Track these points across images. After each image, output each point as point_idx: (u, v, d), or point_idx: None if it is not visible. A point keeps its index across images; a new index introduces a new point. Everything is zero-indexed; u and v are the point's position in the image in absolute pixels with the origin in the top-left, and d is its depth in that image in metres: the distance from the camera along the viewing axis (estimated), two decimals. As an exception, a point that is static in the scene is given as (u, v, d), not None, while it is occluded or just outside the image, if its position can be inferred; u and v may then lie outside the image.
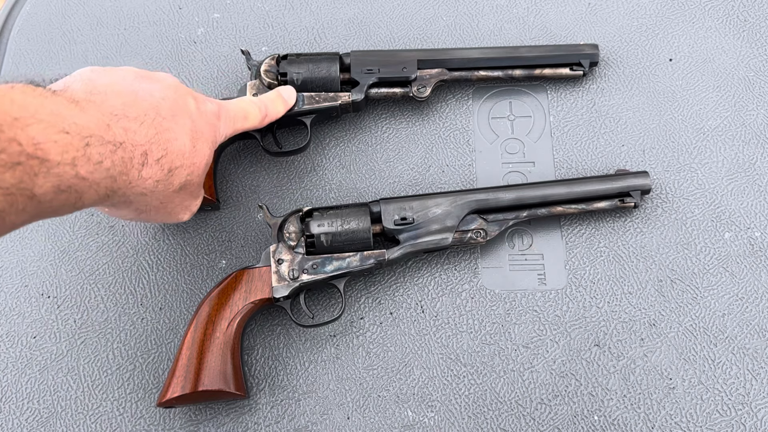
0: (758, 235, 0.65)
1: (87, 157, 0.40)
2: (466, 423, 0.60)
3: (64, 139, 0.39)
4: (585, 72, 0.69)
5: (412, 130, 0.71)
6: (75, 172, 0.39)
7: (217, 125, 0.56)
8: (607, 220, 0.66)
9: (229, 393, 0.57)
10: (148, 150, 0.46)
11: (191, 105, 0.52)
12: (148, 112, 0.47)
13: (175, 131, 0.49)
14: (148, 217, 0.53)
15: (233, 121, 0.59)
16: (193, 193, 0.55)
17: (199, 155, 0.52)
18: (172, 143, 0.48)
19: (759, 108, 0.69)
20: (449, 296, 0.64)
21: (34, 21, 0.78)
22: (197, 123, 0.51)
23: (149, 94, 0.48)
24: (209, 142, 0.53)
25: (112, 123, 0.43)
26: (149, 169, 0.46)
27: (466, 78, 0.70)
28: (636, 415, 0.59)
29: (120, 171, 0.43)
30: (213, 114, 0.55)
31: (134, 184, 0.46)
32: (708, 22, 0.74)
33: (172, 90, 0.50)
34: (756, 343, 0.61)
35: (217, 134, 0.56)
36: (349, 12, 0.77)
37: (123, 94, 0.46)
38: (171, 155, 0.48)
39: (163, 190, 0.49)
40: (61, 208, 0.41)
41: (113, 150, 0.42)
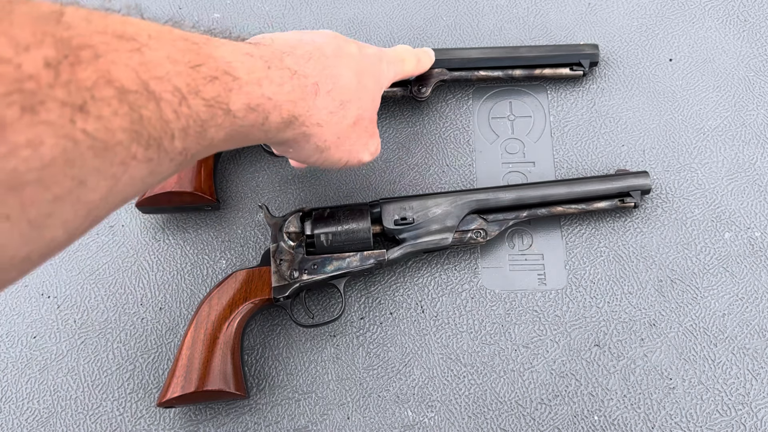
0: (758, 235, 0.65)
1: (270, 78, 0.43)
2: (466, 423, 0.60)
3: (249, 61, 0.41)
4: (585, 72, 0.69)
5: (412, 130, 0.71)
6: (261, 92, 0.42)
7: (380, 66, 0.58)
8: (607, 220, 0.66)
9: (229, 393, 0.57)
10: (318, 81, 0.48)
11: (353, 48, 0.54)
12: (312, 52, 0.49)
13: (340, 68, 0.51)
14: (330, 156, 0.54)
15: (394, 63, 0.61)
16: (368, 129, 0.56)
17: (366, 91, 0.54)
18: (339, 78, 0.51)
19: (759, 108, 0.69)
20: (449, 296, 0.64)
21: (34, 21, 0.78)
22: (361, 63, 0.54)
23: (312, 40, 0.51)
24: (374, 80, 0.56)
25: (284, 57, 0.46)
26: (322, 99, 0.49)
27: (466, 78, 0.70)
28: (636, 415, 0.59)
29: (299, 96, 0.46)
30: (375, 56, 0.58)
31: (311, 112, 0.48)
32: (708, 22, 0.74)
33: (332, 37, 0.54)
34: (756, 343, 0.61)
35: (382, 75, 0.58)
36: (349, 12, 0.77)
37: (288, 39, 0.50)
38: (339, 88, 0.51)
39: (338, 123, 0.51)
40: (251, 129, 0.43)
41: (290, 75, 0.45)
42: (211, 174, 0.65)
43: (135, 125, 0.31)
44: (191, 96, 0.35)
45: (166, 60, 0.34)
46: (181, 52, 0.36)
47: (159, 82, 0.33)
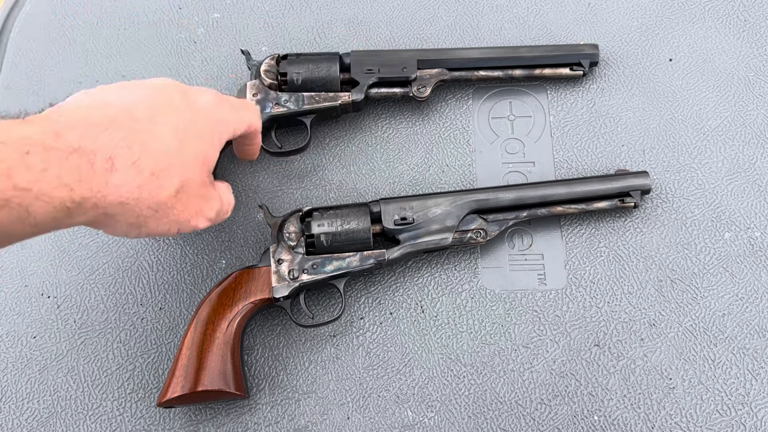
0: (758, 235, 0.65)
1: (26, 165, 0.37)
2: (466, 423, 0.60)
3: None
4: (585, 72, 0.69)
5: (412, 130, 0.71)
6: (12, 183, 0.37)
7: (217, 115, 0.52)
8: (607, 220, 0.66)
9: (229, 393, 0.57)
10: (114, 154, 0.42)
11: (176, 100, 0.49)
12: (116, 117, 0.44)
13: (154, 132, 0.46)
14: (152, 229, 0.48)
15: (239, 109, 0.55)
16: (200, 193, 0.51)
17: (191, 152, 0.48)
18: (150, 144, 0.45)
19: (759, 108, 0.69)
20: (449, 296, 0.64)
21: (34, 21, 0.78)
22: (185, 118, 0.48)
23: (121, 100, 0.46)
24: (207, 135, 0.50)
25: (65, 131, 0.41)
26: (121, 174, 0.43)
27: (466, 78, 0.70)
28: (636, 415, 0.59)
29: (77, 178, 0.40)
30: (210, 105, 0.52)
31: (103, 192, 0.42)
32: (708, 22, 0.74)
33: (152, 90, 0.48)
34: (756, 343, 0.61)
35: (220, 124, 0.52)
36: (349, 12, 0.77)
37: (90, 107, 0.45)
38: (150, 156, 0.45)
39: (152, 195, 0.45)
40: (11, 227, 0.38)
41: (65, 156, 0.39)
42: None
43: None
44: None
45: None
46: None
47: None
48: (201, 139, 0.49)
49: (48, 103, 0.47)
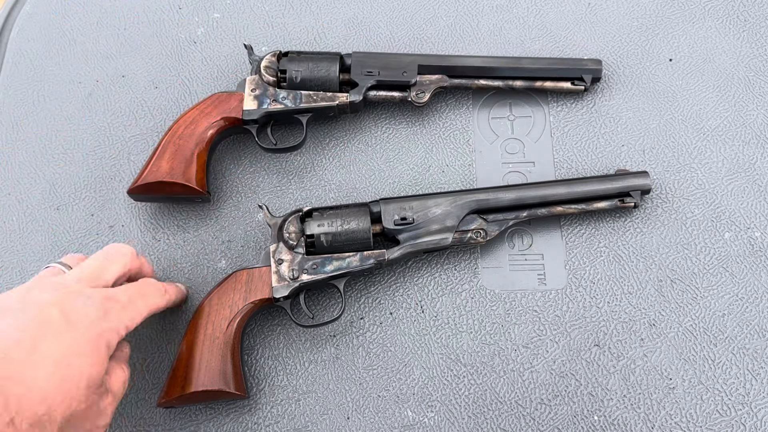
0: (758, 235, 0.65)
1: None
2: (466, 423, 0.60)
3: None
4: (586, 87, 0.69)
5: (412, 131, 0.71)
6: None
7: (104, 327, 0.48)
8: (607, 220, 0.66)
9: (229, 393, 0.57)
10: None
11: (58, 325, 0.45)
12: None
13: (30, 378, 0.42)
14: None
15: (126, 309, 0.51)
16: (87, 415, 0.47)
17: (72, 383, 0.44)
18: (26, 396, 0.42)
19: (759, 108, 0.69)
20: (449, 296, 0.64)
21: (34, 21, 0.78)
22: (66, 343, 0.45)
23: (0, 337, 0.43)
24: (91, 355, 0.46)
25: None
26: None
27: (465, 86, 0.70)
28: (636, 415, 0.59)
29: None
30: (94, 316, 0.48)
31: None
32: (708, 22, 0.74)
33: (32, 319, 0.45)
34: (756, 343, 0.61)
35: (108, 335, 0.48)
36: (349, 12, 0.77)
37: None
38: (27, 408, 0.41)
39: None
40: None
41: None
42: (203, 167, 0.65)
43: None
44: None
45: None
46: None
47: None
48: (84, 361, 0.46)
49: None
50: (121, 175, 0.70)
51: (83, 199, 0.69)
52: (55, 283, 0.50)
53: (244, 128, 0.68)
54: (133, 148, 0.71)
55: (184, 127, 0.65)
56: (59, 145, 0.72)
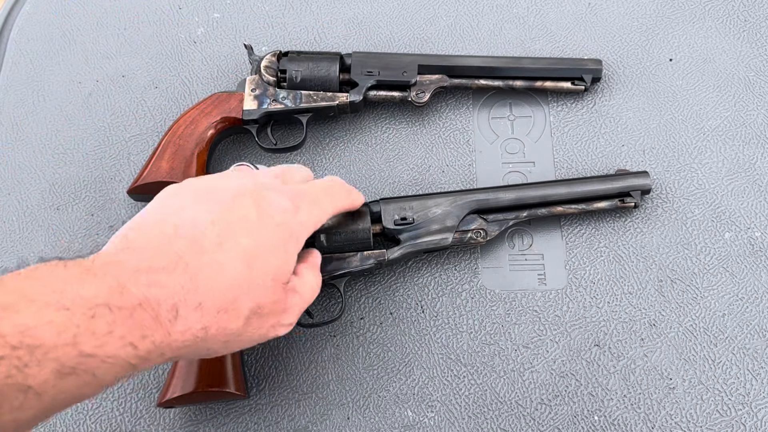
0: (758, 235, 0.65)
1: (91, 330, 0.35)
2: (466, 423, 0.60)
3: (62, 317, 0.34)
4: (587, 87, 0.69)
5: (412, 130, 0.71)
6: (78, 351, 0.34)
7: (293, 223, 0.48)
8: (608, 220, 0.66)
9: (229, 393, 0.57)
10: (179, 301, 0.40)
11: (250, 216, 0.45)
12: (183, 253, 0.41)
13: (221, 263, 0.42)
14: (225, 353, 0.46)
15: (319, 203, 0.51)
16: (271, 311, 0.46)
17: (261, 274, 0.45)
18: (216, 280, 0.42)
19: (759, 108, 0.69)
20: (449, 296, 0.64)
21: (34, 21, 0.78)
22: (256, 236, 0.45)
23: (192, 227, 0.43)
24: (278, 251, 0.46)
25: (131, 282, 0.38)
26: (185, 321, 0.40)
27: (466, 86, 0.70)
28: (636, 415, 0.59)
29: (140, 335, 0.38)
30: (284, 212, 0.48)
31: (166, 343, 0.40)
32: (708, 22, 0.74)
33: (226, 206, 0.45)
34: (756, 343, 0.61)
35: (296, 231, 0.48)
36: (349, 12, 0.77)
37: (159, 238, 0.42)
38: (216, 293, 0.42)
39: (220, 331, 0.42)
40: (78, 392, 0.36)
41: (128, 314, 0.37)
42: (203, 167, 0.65)
43: None
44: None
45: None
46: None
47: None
48: (273, 255, 0.46)
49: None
50: (121, 175, 0.70)
51: (83, 199, 0.69)
52: (251, 174, 0.50)
53: (244, 128, 0.68)
54: (133, 148, 0.71)
55: (184, 127, 0.65)
56: (59, 145, 0.72)
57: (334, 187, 0.55)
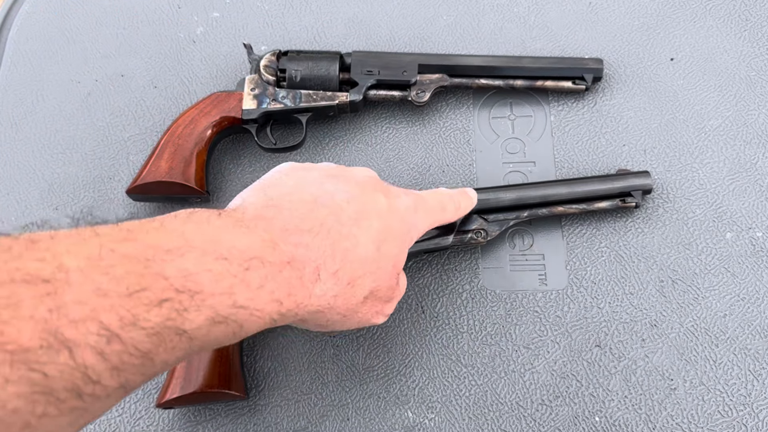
0: (760, 235, 0.64)
1: (246, 282, 0.36)
2: (466, 424, 0.60)
3: (221, 267, 0.35)
4: (587, 86, 0.69)
5: (412, 130, 0.71)
6: (232, 301, 0.35)
7: (412, 221, 0.51)
8: (608, 220, 0.66)
9: (228, 394, 0.57)
10: (321, 264, 0.42)
11: (381, 203, 0.47)
12: (325, 220, 0.43)
13: (357, 237, 0.44)
14: (335, 329, 0.49)
15: (431, 213, 0.54)
16: (384, 297, 0.49)
17: (386, 258, 0.47)
18: (351, 252, 0.44)
19: (761, 108, 0.69)
20: (450, 297, 0.64)
21: (33, 20, 0.77)
22: (386, 222, 0.47)
23: (331, 199, 0.44)
24: (399, 241, 0.48)
25: (281, 239, 0.40)
26: (323, 285, 0.42)
27: (466, 85, 0.69)
28: (637, 416, 0.59)
29: (287, 292, 0.39)
30: (407, 209, 0.50)
31: (305, 304, 0.41)
32: (709, 21, 0.73)
33: (359, 188, 0.47)
34: (757, 344, 0.61)
35: (413, 229, 0.51)
36: (349, 11, 0.76)
37: (301, 202, 0.43)
38: (350, 265, 0.44)
39: (344, 303, 0.44)
40: (224, 340, 0.37)
41: (279, 270, 0.39)
42: (203, 167, 0.65)
43: (37, 387, 0.26)
44: (127, 329, 0.30)
45: (92, 295, 0.29)
46: (117, 279, 0.30)
47: (76, 327, 0.28)
48: (395, 244, 0.48)
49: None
50: (120, 174, 0.70)
51: (82, 199, 0.69)
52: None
53: (243, 128, 0.67)
54: (132, 148, 0.71)
55: (183, 126, 0.65)
56: (58, 144, 0.71)
57: (447, 201, 0.57)
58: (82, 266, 0.29)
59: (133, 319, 0.30)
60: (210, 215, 0.38)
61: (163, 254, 0.33)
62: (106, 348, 0.29)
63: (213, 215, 0.39)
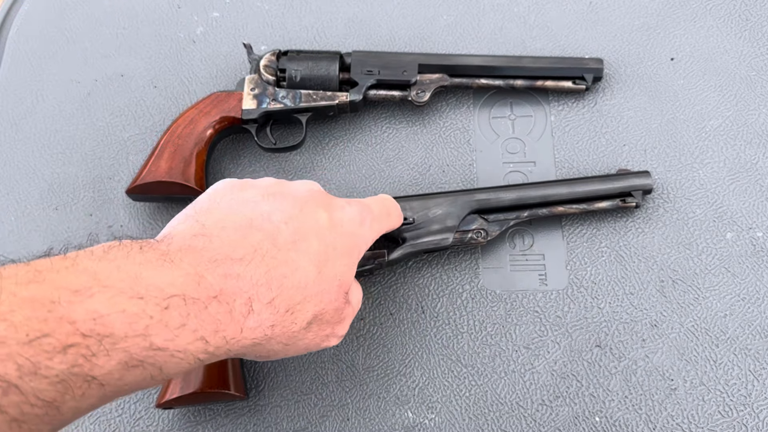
0: (760, 235, 0.64)
1: (164, 322, 0.34)
2: (466, 424, 0.60)
3: (136, 307, 0.33)
4: (588, 86, 0.69)
5: (412, 130, 0.71)
6: (148, 343, 0.33)
7: (359, 233, 0.48)
8: (609, 220, 0.66)
9: (228, 394, 0.57)
10: (253, 295, 0.39)
11: (322, 220, 0.45)
12: (259, 246, 0.40)
13: (295, 261, 0.42)
14: (279, 357, 0.46)
15: (378, 221, 0.52)
16: (331, 320, 0.46)
17: (329, 279, 0.44)
18: (289, 278, 0.41)
19: (761, 107, 0.69)
20: (450, 297, 0.64)
21: (33, 20, 0.77)
22: (327, 240, 0.44)
23: (267, 220, 0.42)
24: (344, 258, 0.46)
25: (208, 272, 0.37)
26: (257, 317, 0.39)
27: (466, 85, 0.69)
28: (638, 416, 0.59)
29: (213, 329, 0.36)
30: (352, 221, 0.48)
31: (237, 339, 0.38)
32: (710, 21, 0.73)
33: (298, 206, 0.44)
34: (758, 344, 0.61)
35: (360, 242, 0.48)
36: (349, 11, 0.76)
37: (233, 228, 0.40)
38: (287, 292, 0.41)
39: (283, 333, 0.42)
40: (142, 384, 0.35)
41: (203, 307, 0.36)
42: (202, 167, 0.65)
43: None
44: (26, 378, 0.28)
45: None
46: (16, 325, 0.28)
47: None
48: (340, 262, 0.45)
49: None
50: (120, 174, 0.70)
51: (81, 199, 0.69)
52: (313, 182, 0.50)
53: (243, 128, 0.67)
54: (131, 148, 0.71)
55: (183, 126, 0.65)
56: (57, 144, 0.71)
57: (392, 207, 0.56)
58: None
59: (33, 367, 0.28)
60: (131, 250, 0.36)
61: (70, 295, 0.31)
62: (3, 399, 0.27)
63: (134, 249, 0.36)
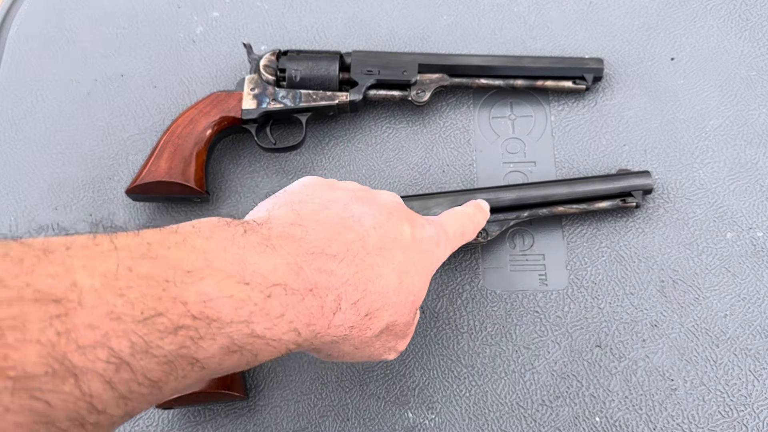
0: (760, 235, 0.64)
1: (266, 311, 0.34)
2: (466, 425, 0.60)
3: (242, 293, 0.33)
4: (588, 86, 0.69)
5: (412, 130, 0.71)
6: (250, 330, 0.33)
7: (435, 252, 0.48)
8: (609, 220, 0.66)
9: (228, 394, 0.57)
10: (342, 293, 0.39)
11: (405, 233, 0.45)
12: (351, 246, 0.40)
13: (380, 267, 0.41)
14: (345, 360, 0.45)
15: (452, 242, 0.52)
16: (399, 333, 0.46)
17: (406, 292, 0.44)
18: (373, 282, 0.41)
19: (761, 107, 0.69)
20: (450, 297, 0.64)
21: (33, 20, 0.77)
22: (409, 254, 0.44)
23: (358, 222, 0.42)
24: (422, 275, 0.45)
25: (306, 263, 0.37)
26: (342, 315, 0.39)
27: (466, 85, 0.69)
28: (638, 416, 0.59)
29: (306, 322, 0.37)
30: (431, 240, 0.47)
31: (323, 334, 0.39)
32: (710, 21, 0.73)
33: (385, 216, 0.44)
34: (758, 344, 0.60)
35: (435, 262, 0.48)
36: (349, 11, 0.76)
37: (328, 224, 0.40)
38: (370, 296, 0.41)
39: (358, 336, 0.42)
40: (236, 368, 0.35)
41: (300, 299, 0.36)
42: (202, 167, 0.65)
43: (38, 417, 0.24)
44: (138, 356, 0.28)
45: (104, 318, 0.27)
46: (132, 302, 0.28)
47: (84, 354, 0.26)
48: (417, 278, 0.45)
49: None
50: (120, 174, 0.70)
51: (81, 199, 0.69)
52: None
53: (243, 128, 0.67)
54: (131, 148, 0.71)
55: (182, 126, 0.65)
56: (57, 144, 0.71)
57: (467, 225, 0.55)
58: (97, 286, 0.27)
59: (145, 346, 0.28)
60: (235, 232, 0.36)
61: (183, 276, 0.31)
62: (115, 376, 0.27)
63: (238, 232, 0.36)
